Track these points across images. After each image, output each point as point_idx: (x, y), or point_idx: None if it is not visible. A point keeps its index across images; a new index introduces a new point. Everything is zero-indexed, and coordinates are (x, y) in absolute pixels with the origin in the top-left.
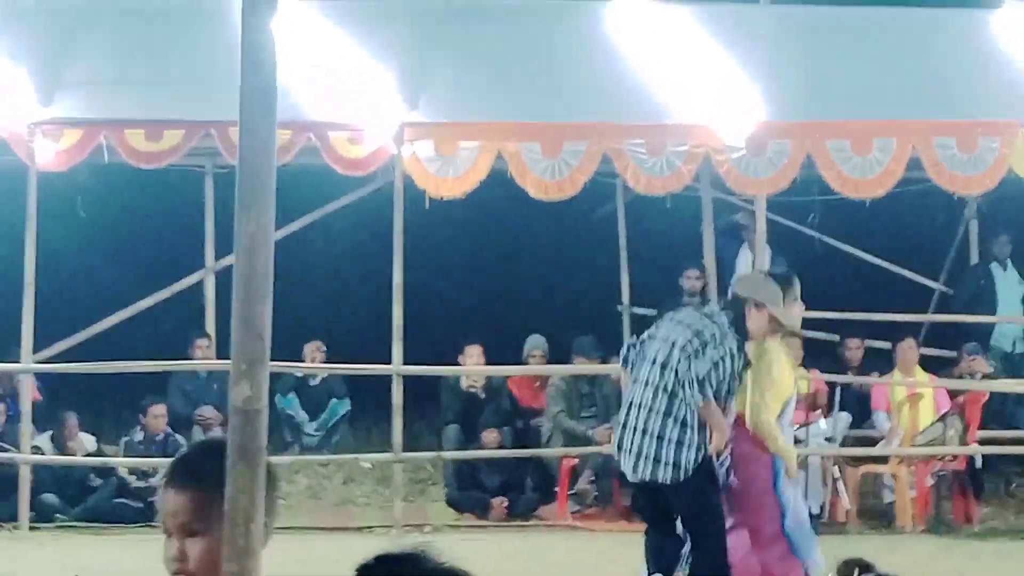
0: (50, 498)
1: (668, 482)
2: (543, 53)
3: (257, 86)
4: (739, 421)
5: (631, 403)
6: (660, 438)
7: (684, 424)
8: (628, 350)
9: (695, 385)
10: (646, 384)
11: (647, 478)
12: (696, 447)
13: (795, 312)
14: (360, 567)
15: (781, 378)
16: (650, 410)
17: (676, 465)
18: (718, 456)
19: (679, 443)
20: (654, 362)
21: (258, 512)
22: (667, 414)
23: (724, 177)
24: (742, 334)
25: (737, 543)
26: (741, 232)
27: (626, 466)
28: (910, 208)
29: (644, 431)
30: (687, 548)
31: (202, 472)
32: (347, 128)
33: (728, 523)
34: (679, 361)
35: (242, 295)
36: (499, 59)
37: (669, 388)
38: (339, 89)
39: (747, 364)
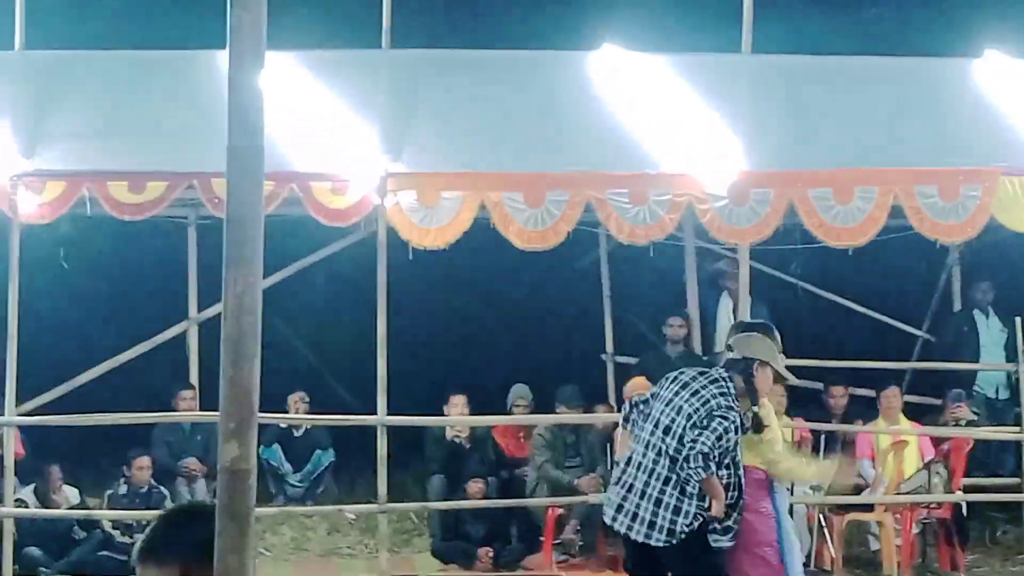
0: (34, 551)
1: (662, 545)
2: (526, 103)
3: (244, 146)
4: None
5: (631, 462)
6: (658, 502)
7: (683, 490)
8: (630, 408)
9: (699, 459)
10: (648, 446)
11: (641, 540)
12: (693, 514)
13: (780, 363)
14: None
15: (776, 428)
16: (651, 473)
17: (671, 531)
18: (719, 522)
19: (676, 509)
20: (657, 424)
21: (247, 572)
22: (667, 480)
23: (707, 226)
24: (752, 394)
25: None
26: (720, 280)
27: (621, 526)
28: (892, 256)
29: (643, 494)
30: None
31: (179, 544)
32: (330, 179)
33: None
34: (684, 430)
35: (230, 356)
36: (482, 109)
37: (670, 453)
38: (322, 140)
39: (759, 427)
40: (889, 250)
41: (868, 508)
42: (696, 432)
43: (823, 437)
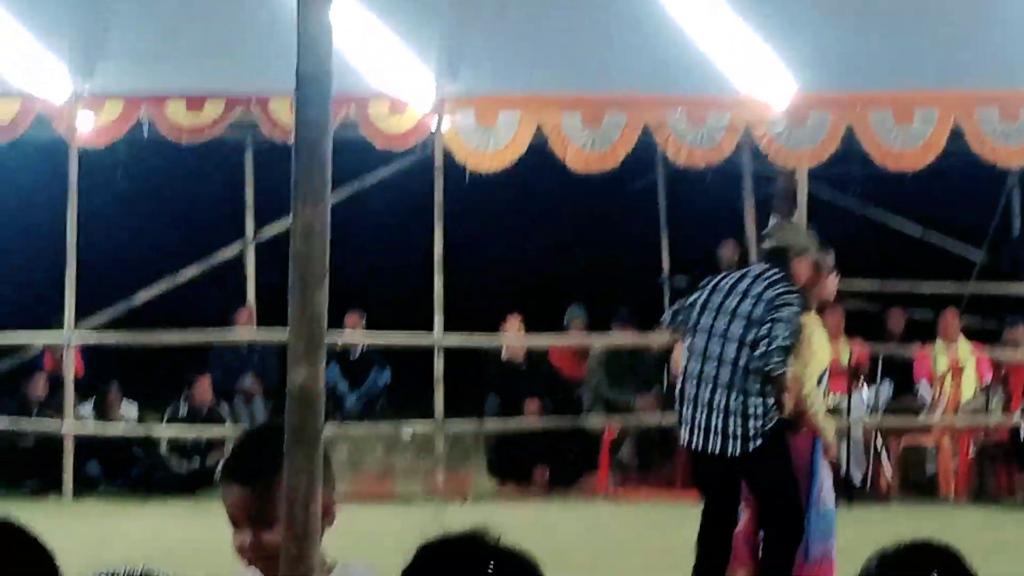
0: (93, 468)
1: (738, 454)
2: (584, 24)
3: (313, 74)
4: None
5: (690, 376)
6: (727, 411)
7: (748, 394)
8: (675, 313)
9: (780, 354)
10: (705, 356)
11: (717, 452)
12: (764, 416)
13: (832, 284)
14: (422, 547)
15: (820, 350)
16: (714, 382)
17: (744, 437)
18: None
19: (744, 415)
20: (711, 333)
21: (316, 495)
22: (730, 386)
23: (764, 149)
24: (790, 284)
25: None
26: (772, 203)
27: (696, 443)
28: (952, 179)
29: (710, 404)
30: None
31: (259, 464)
32: (387, 101)
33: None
34: (744, 331)
35: (299, 280)
36: (539, 30)
37: (732, 359)
38: (378, 63)
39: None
40: (948, 173)
41: (926, 431)
42: (766, 328)
43: (881, 359)
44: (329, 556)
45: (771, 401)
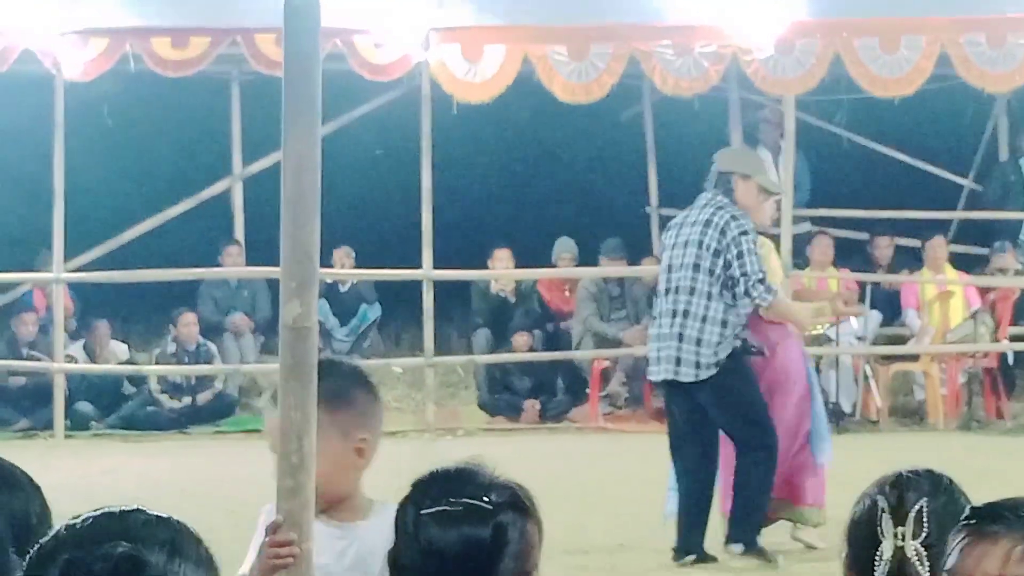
0: (84, 406)
1: (693, 380)
2: None
3: (301, 6)
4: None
5: (657, 313)
6: (680, 337)
7: (704, 321)
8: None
9: (758, 287)
10: (666, 292)
11: (670, 378)
12: (718, 344)
13: (769, 209)
14: (415, 482)
15: (774, 270)
16: (672, 313)
17: (697, 363)
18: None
19: (697, 340)
20: (671, 268)
21: (311, 428)
22: (685, 313)
23: (751, 77)
24: (735, 209)
25: None
26: (759, 131)
27: (655, 374)
28: (939, 105)
29: (668, 335)
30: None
31: (326, 393)
32: (373, 33)
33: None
34: (699, 259)
35: (291, 214)
36: None
37: (687, 285)
38: None
39: None
40: (935, 99)
41: (914, 358)
42: (737, 265)
43: (869, 287)
44: (366, 495)
45: (727, 330)
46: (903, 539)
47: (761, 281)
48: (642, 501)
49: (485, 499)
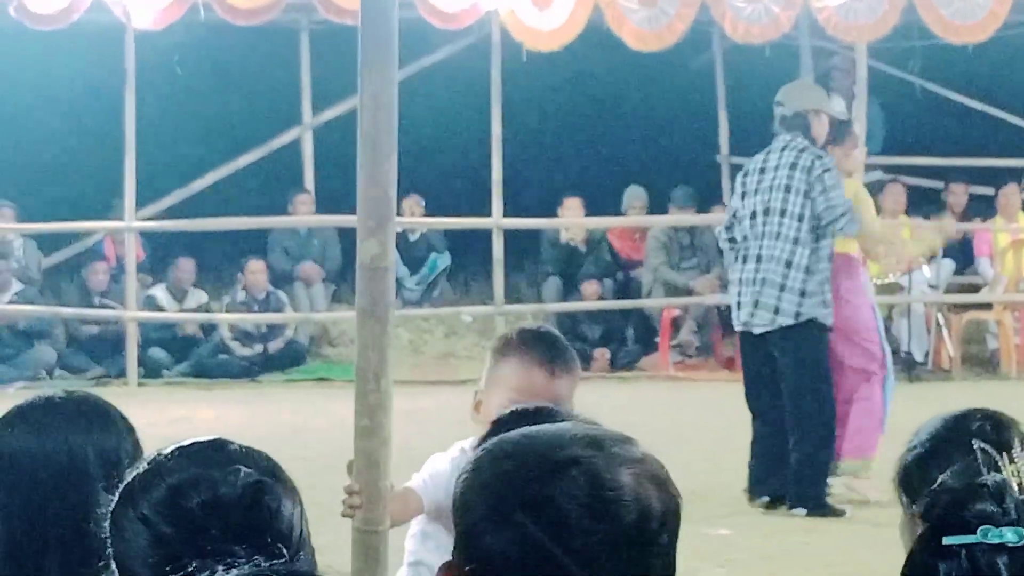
0: (158, 352)
1: (771, 327)
2: None
3: None
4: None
5: (740, 260)
6: (765, 283)
7: (790, 266)
8: (727, 228)
9: (843, 218)
10: (754, 235)
11: (754, 326)
12: (801, 294)
13: (858, 156)
14: (496, 420)
15: (862, 197)
16: (758, 259)
17: (779, 310)
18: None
19: (782, 287)
20: (755, 213)
21: (387, 368)
22: (787, 263)
23: (823, 24)
24: (816, 148)
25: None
26: (831, 78)
27: (738, 318)
28: (1013, 52)
29: (752, 281)
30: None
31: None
32: None
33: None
34: (790, 204)
35: (368, 153)
36: None
37: (782, 232)
38: None
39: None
40: (1010, 45)
41: (987, 307)
42: (823, 200)
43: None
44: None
45: (812, 277)
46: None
47: (844, 214)
48: (713, 449)
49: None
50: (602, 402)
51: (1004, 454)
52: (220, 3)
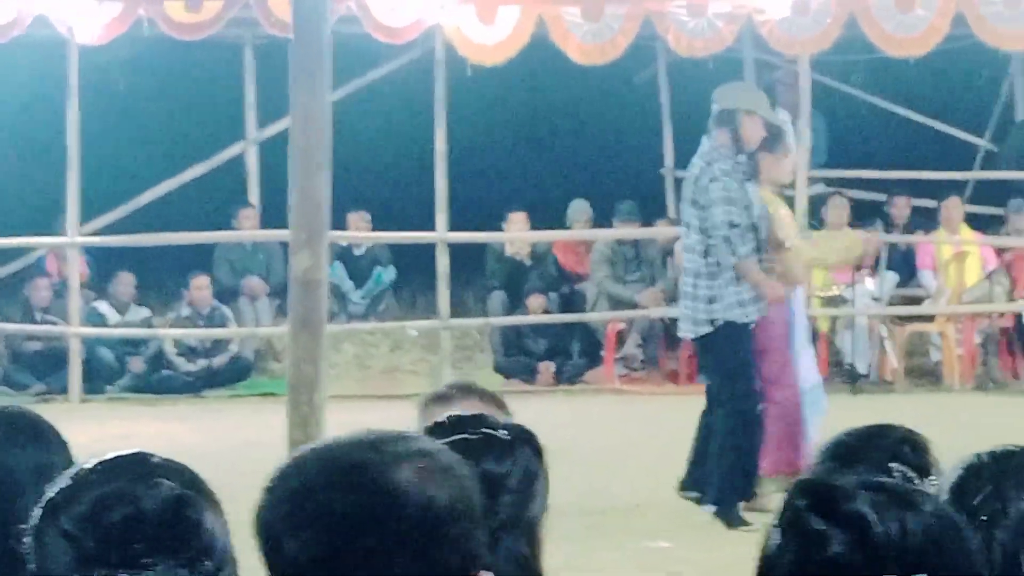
0: (99, 371)
1: (692, 337)
2: None
3: None
4: None
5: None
6: (688, 296)
7: (699, 276)
8: None
9: (723, 246)
10: (684, 250)
11: (690, 337)
12: (710, 302)
13: (787, 164)
14: (430, 427)
15: (784, 223)
16: (685, 271)
17: (697, 321)
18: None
19: (696, 298)
20: (687, 227)
21: (321, 381)
22: (697, 273)
23: (766, 37)
24: (740, 146)
25: None
26: (775, 92)
27: (679, 329)
28: (954, 65)
29: (685, 294)
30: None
31: None
32: None
33: None
34: (691, 218)
35: (300, 166)
36: None
37: (693, 246)
38: None
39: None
40: (951, 59)
41: (930, 319)
42: (708, 216)
43: (885, 248)
44: None
45: (717, 285)
46: None
47: (724, 240)
48: (657, 462)
49: (503, 432)
50: (547, 416)
51: (924, 480)
52: (163, 18)
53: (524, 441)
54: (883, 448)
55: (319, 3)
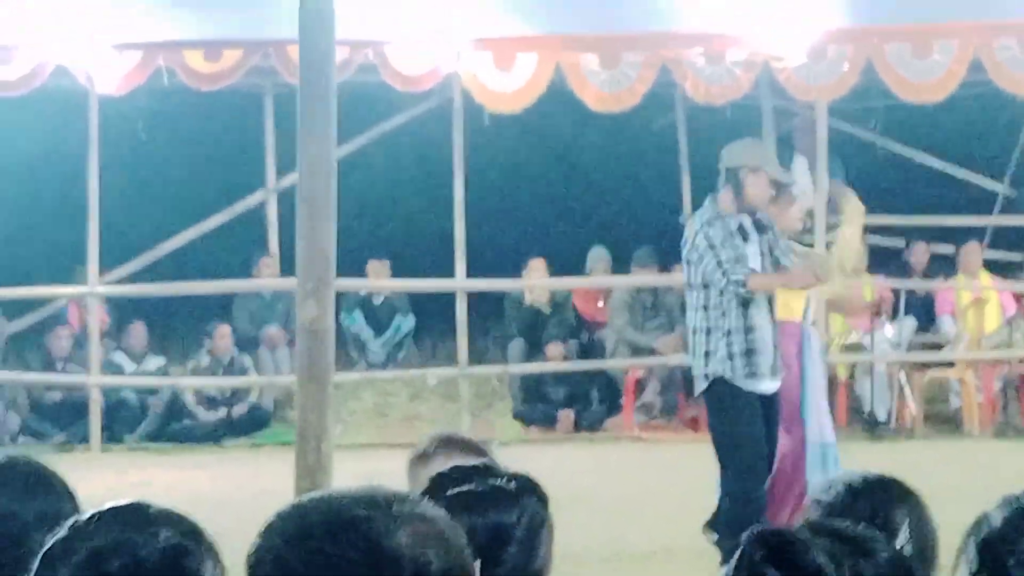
0: (120, 420)
1: (695, 395)
2: None
3: (315, 8)
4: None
5: None
6: (695, 354)
7: (696, 332)
8: None
9: (733, 284)
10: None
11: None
12: (705, 356)
13: (795, 213)
14: (434, 478)
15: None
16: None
17: (698, 376)
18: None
19: (695, 354)
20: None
21: (328, 429)
22: (695, 330)
23: (783, 84)
24: (743, 204)
25: None
26: (793, 139)
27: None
28: (972, 110)
29: (690, 351)
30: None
31: None
32: (405, 44)
33: None
34: (688, 274)
35: (306, 216)
36: None
37: (690, 303)
38: (396, 5)
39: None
40: (969, 105)
41: (949, 365)
42: (700, 267)
43: (903, 294)
44: None
45: (711, 338)
46: None
47: (724, 277)
48: (678, 510)
49: (507, 482)
50: (567, 463)
51: (897, 528)
52: (183, 68)
53: (529, 490)
54: (869, 499)
55: (325, 54)
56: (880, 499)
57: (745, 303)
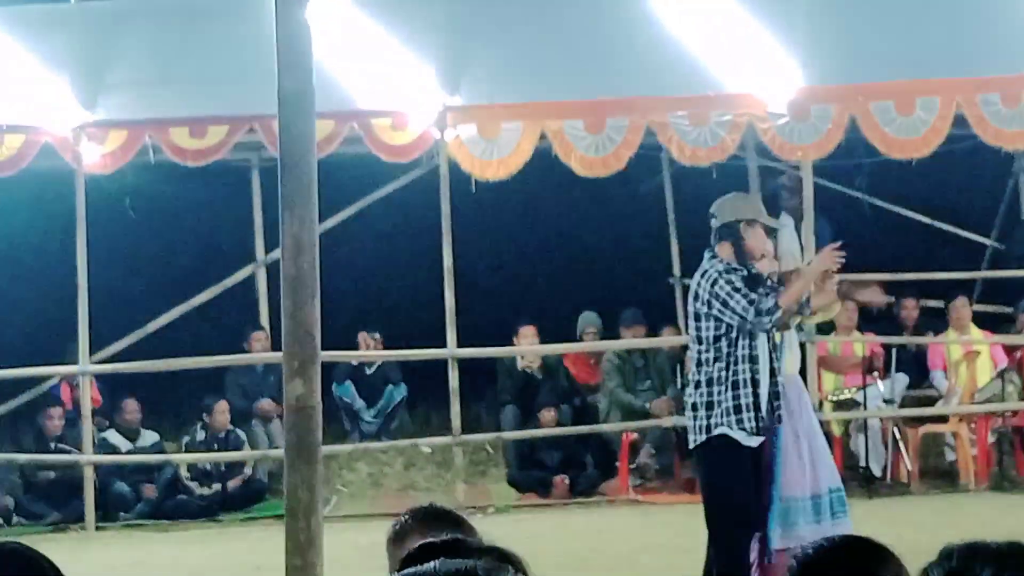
0: (114, 498)
1: (690, 447)
2: (581, 29)
3: (294, 88)
4: None
5: None
6: (692, 406)
7: (697, 385)
8: None
9: (760, 314)
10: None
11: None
12: (705, 408)
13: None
14: (413, 552)
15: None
16: (693, 384)
17: (693, 429)
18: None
19: (694, 406)
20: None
21: (317, 507)
22: (696, 384)
23: (768, 144)
24: (744, 259)
25: None
26: (779, 199)
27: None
28: (958, 166)
29: (690, 406)
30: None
31: None
32: (390, 115)
33: None
34: (694, 329)
35: (290, 295)
36: (538, 38)
37: (693, 356)
38: (379, 76)
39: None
40: (954, 160)
41: (943, 419)
42: (718, 312)
43: (895, 350)
44: None
45: (716, 390)
46: None
47: (758, 312)
48: (674, 571)
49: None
50: (563, 529)
51: None
52: (169, 145)
53: (502, 565)
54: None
55: (305, 135)
56: (860, 560)
57: (754, 359)
